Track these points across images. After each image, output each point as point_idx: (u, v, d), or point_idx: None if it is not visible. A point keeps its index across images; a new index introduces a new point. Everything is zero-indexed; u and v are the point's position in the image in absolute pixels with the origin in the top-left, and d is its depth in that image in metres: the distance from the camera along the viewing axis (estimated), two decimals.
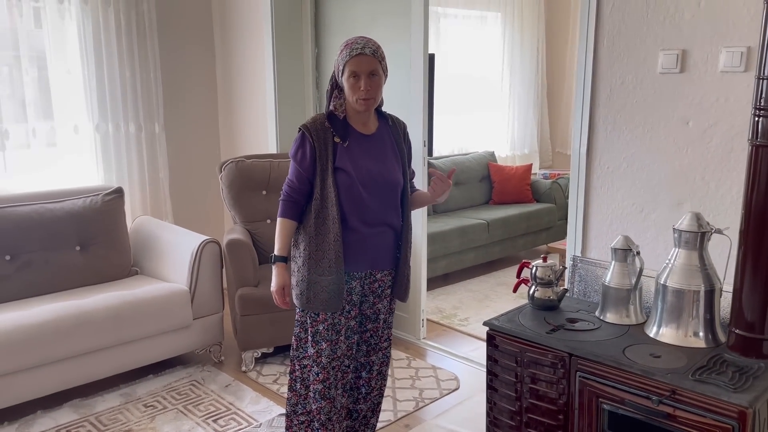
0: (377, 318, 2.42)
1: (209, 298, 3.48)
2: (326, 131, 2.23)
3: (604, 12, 2.57)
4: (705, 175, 2.39)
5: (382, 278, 2.38)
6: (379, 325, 2.43)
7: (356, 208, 2.23)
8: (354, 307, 2.34)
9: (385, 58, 2.22)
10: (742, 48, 2.23)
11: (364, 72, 2.15)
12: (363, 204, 2.24)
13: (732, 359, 1.99)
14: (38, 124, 3.80)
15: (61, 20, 3.81)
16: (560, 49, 6.77)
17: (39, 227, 3.37)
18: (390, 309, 2.47)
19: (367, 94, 2.17)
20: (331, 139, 2.22)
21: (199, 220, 4.55)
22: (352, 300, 2.32)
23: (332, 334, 2.30)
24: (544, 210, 5.65)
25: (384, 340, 2.47)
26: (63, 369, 3.01)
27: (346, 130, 2.25)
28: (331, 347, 2.30)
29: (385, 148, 2.31)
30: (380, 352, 2.47)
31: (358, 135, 2.27)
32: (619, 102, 2.58)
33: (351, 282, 2.30)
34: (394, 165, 2.31)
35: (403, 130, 2.40)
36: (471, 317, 4.24)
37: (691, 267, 2.10)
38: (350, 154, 2.23)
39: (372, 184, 2.24)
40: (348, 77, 2.17)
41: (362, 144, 2.26)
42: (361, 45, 2.16)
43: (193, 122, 4.55)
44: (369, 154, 2.26)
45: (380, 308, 2.41)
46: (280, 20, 4.06)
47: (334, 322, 2.29)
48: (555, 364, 2.16)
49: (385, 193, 2.28)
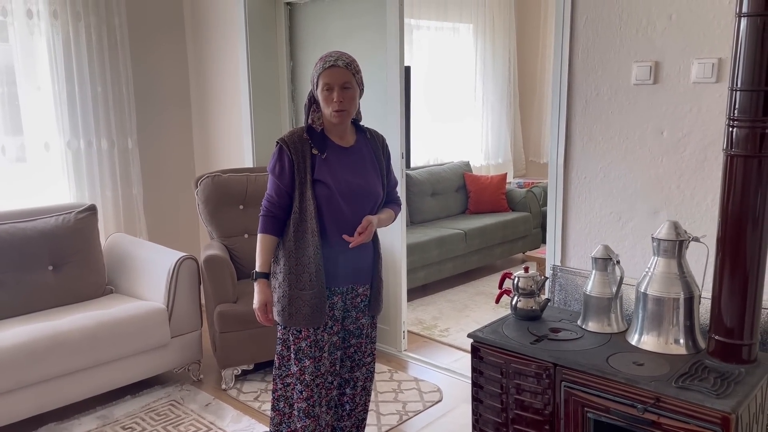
0: (361, 333, 2.40)
1: (187, 316, 3.43)
2: (304, 144, 2.22)
3: (577, 25, 2.62)
4: (680, 183, 2.43)
5: (364, 292, 2.37)
6: (363, 341, 2.42)
7: (336, 221, 2.23)
8: (336, 323, 2.32)
9: (360, 72, 2.23)
10: (713, 59, 2.29)
11: (337, 84, 2.15)
12: (343, 216, 2.23)
13: (713, 365, 2.02)
14: (7, 140, 3.72)
15: (30, 35, 3.73)
16: (531, 58, 6.87)
17: (10, 247, 3.28)
18: (373, 324, 2.46)
19: (340, 106, 2.17)
20: (309, 151, 2.21)
21: (175, 237, 4.49)
22: (334, 315, 2.30)
23: (315, 351, 2.28)
24: (519, 219, 5.70)
25: (368, 356, 2.46)
26: (38, 392, 2.92)
27: (324, 142, 2.24)
28: (314, 364, 2.28)
29: (364, 161, 2.31)
30: (364, 368, 2.45)
31: (337, 147, 2.27)
32: (594, 113, 2.62)
33: (332, 297, 2.29)
34: (373, 177, 2.31)
35: (381, 143, 2.40)
36: (451, 327, 4.25)
37: (670, 275, 2.13)
38: (329, 166, 2.22)
39: (352, 196, 2.24)
40: (322, 89, 2.18)
41: (341, 156, 2.26)
42: (334, 58, 2.17)
43: (167, 137, 4.49)
44: (348, 167, 2.26)
45: (364, 323, 2.40)
46: (254, 34, 4.05)
47: (317, 339, 2.27)
48: (540, 374, 2.17)
49: (365, 205, 2.28)
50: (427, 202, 5.50)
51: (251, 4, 4.00)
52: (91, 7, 3.87)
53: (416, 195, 5.38)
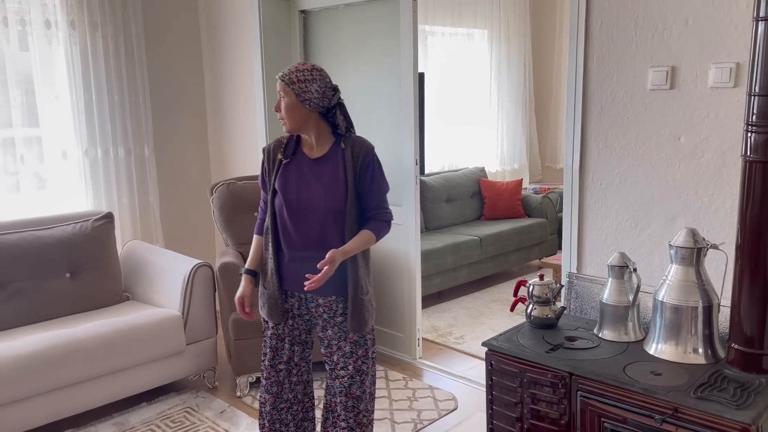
0: (329, 344, 2.36)
1: (202, 323, 3.44)
2: (278, 149, 2.34)
3: (592, 30, 2.60)
4: (698, 189, 2.40)
5: (327, 304, 2.31)
6: (333, 351, 2.36)
7: (283, 232, 2.32)
8: (300, 319, 2.39)
9: (299, 82, 2.16)
10: (731, 64, 2.25)
11: (278, 94, 2.24)
12: (286, 228, 2.30)
13: (732, 375, 1.99)
14: (26, 149, 3.77)
15: (48, 45, 3.79)
16: (547, 63, 6.84)
17: (28, 255, 3.32)
18: (347, 339, 2.32)
19: (279, 115, 2.25)
20: (278, 157, 2.33)
21: (190, 244, 4.51)
22: (293, 314, 2.39)
23: (276, 342, 2.43)
24: (535, 225, 5.66)
25: (341, 368, 2.35)
26: (54, 399, 2.95)
27: (294, 150, 2.33)
28: (273, 353, 2.43)
29: (326, 174, 2.25)
30: (337, 381, 2.37)
31: (304, 158, 2.31)
32: (610, 118, 2.60)
33: (290, 299, 2.37)
34: (332, 191, 2.24)
35: (359, 153, 2.25)
36: (466, 335, 4.22)
37: (689, 283, 2.10)
38: (287, 175, 2.30)
39: (299, 209, 2.25)
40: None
41: (302, 167, 2.29)
42: (281, 72, 2.23)
43: (183, 145, 4.52)
44: (304, 179, 2.27)
45: (330, 335, 2.34)
46: (269, 41, 4.07)
47: (277, 332, 2.42)
48: (555, 384, 2.15)
49: (316, 220, 2.24)
50: (442, 208, 5.48)
51: (266, 12, 4.02)
52: (109, 17, 3.92)
53: (431, 201, 5.37)
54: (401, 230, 3.72)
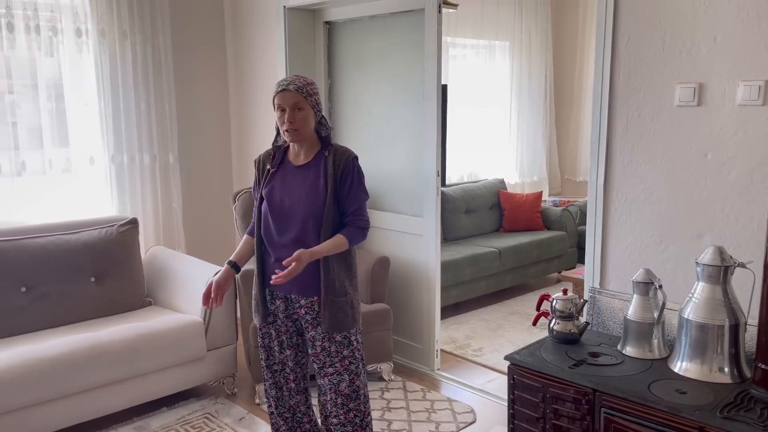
0: (314, 345, 2.45)
1: (223, 330, 3.47)
2: (267, 159, 2.48)
3: (619, 45, 2.60)
4: (725, 207, 2.38)
5: (309, 305, 2.42)
6: (318, 352, 2.44)
7: (267, 234, 2.44)
8: (288, 320, 2.49)
9: (314, 95, 2.35)
10: (759, 82, 2.24)
11: (288, 105, 2.31)
12: (270, 232, 2.42)
13: (759, 395, 1.96)
14: (54, 154, 3.84)
15: (78, 53, 3.86)
16: (568, 76, 6.82)
17: (55, 258, 3.38)
18: (331, 338, 2.41)
19: (290, 126, 2.32)
20: (267, 167, 2.47)
21: (212, 250, 4.55)
22: (277, 317, 2.49)
23: (267, 342, 2.56)
24: (555, 238, 5.64)
25: (328, 366, 2.44)
26: (77, 403, 2.99)
27: (282, 159, 2.46)
28: (266, 353, 2.57)
29: (308, 180, 2.39)
30: (326, 378, 2.46)
31: (289, 165, 2.45)
32: (636, 134, 2.59)
33: (276, 300, 2.48)
34: (312, 197, 2.36)
35: (340, 161, 2.37)
36: (485, 347, 4.21)
37: (715, 301, 2.09)
38: (272, 183, 2.44)
39: (281, 213, 2.39)
40: (276, 110, 2.36)
41: (287, 174, 2.43)
42: (287, 82, 2.33)
43: (207, 153, 4.58)
44: (288, 185, 2.41)
45: (314, 336, 2.44)
46: (293, 52, 4.11)
47: (266, 331, 2.55)
48: (578, 399, 2.14)
49: (296, 224, 2.38)
50: (461, 219, 5.48)
51: (291, 23, 4.07)
52: (138, 26, 3.99)
53: (450, 212, 5.37)
54: (421, 241, 3.72)
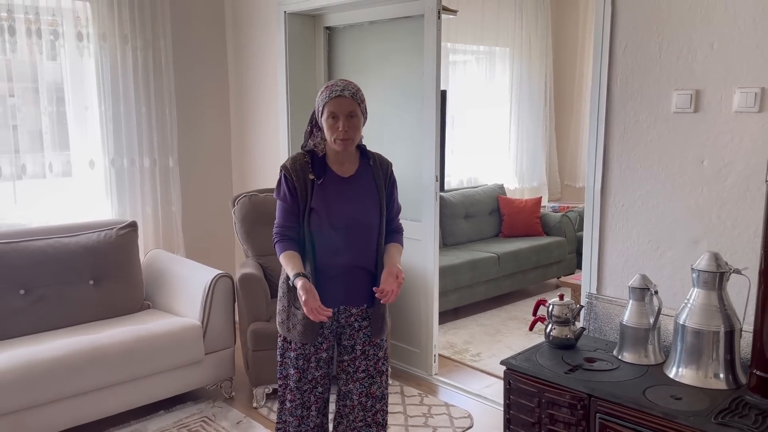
0: (353, 349, 2.43)
1: (221, 333, 3.47)
2: (305, 169, 2.29)
3: (616, 52, 2.61)
4: (721, 213, 2.39)
5: (358, 313, 2.40)
6: (356, 356, 2.43)
7: (326, 249, 2.29)
8: (326, 340, 2.39)
9: (364, 101, 2.29)
10: (756, 89, 2.25)
11: (343, 113, 2.21)
12: (332, 246, 2.29)
13: (754, 401, 1.97)
14: (54, 157, 3.85)
15: (79, 57, 3.88)
16: (568, 82, 6.84)
17: (54, 261, 3.39)
18: (372, 342, 2.43)
19: (345, 135, 2.21)
20: (309, 177, 2.28)
21: (211, 254, 4.56)
22: (324, 333, 2.37)
23: (302, 363, 2.39)
24: (554, 243, 5.64)
25: (361, 371, 2.44)
26: (75, 405, 2.99)
27: (323, 169, 2.31)
28: (299, 375, 2.40)
29: (361, 191, 2.34)
30: (357, 383, 2.44)
31: (335, 176, 2.32)
32: (633, 140, 2.60)
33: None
34: (370, 207, 2.34)
35: (386, 170, 2.40)
36: (483, 352, 4.21)
37: (710, 307, 2.09)
38: (325, 194, 2.29)
39: (345, 227, 2.29)
40: (327, 117, 2.23)
41: (338, 186, 2.31)
42: (340, 87, 2.23)
43: (207, 156, 4.59)
44: (344, 197, 2.31)
45: (357, 340, 2.43)
46: (294, 57, 4.13)
47: (304, 352, 2.38)
48: (574, 405, 2.14)
49: (358, 236, 2.32)
50: (460, 224, 5.49)
51: (292, 28, 4.09)
52: (139, 30, 4.01)
53: (449, 217, 5.38)
54: (420, 246, 3.73)
